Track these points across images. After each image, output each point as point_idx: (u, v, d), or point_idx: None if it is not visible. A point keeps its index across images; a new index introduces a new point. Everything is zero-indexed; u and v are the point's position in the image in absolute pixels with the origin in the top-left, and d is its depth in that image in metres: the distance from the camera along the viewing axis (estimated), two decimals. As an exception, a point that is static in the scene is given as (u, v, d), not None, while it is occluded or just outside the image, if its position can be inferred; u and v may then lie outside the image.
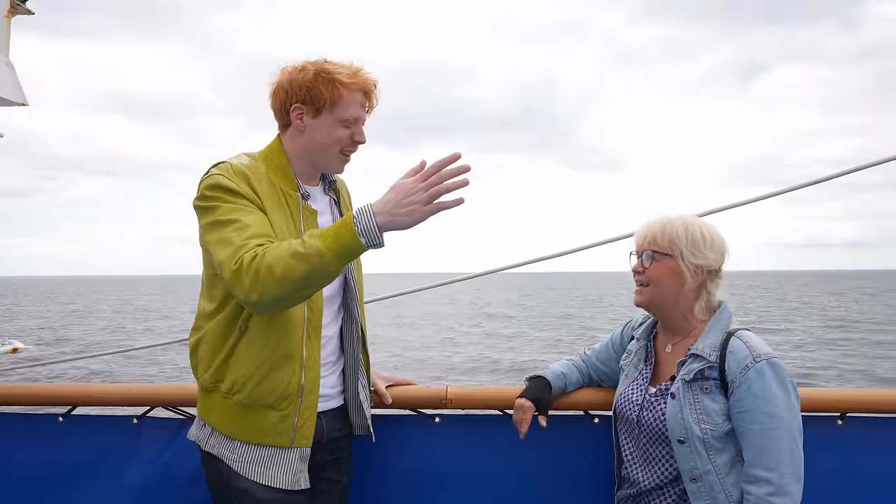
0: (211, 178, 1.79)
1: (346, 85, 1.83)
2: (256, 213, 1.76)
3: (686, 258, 1.83)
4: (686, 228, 1.85)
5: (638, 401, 1.90)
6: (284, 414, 1.81)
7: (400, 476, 2.30)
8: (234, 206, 1.74)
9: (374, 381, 2.19)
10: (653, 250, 1.86)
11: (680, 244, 1.83)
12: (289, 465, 1.84)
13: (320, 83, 1.82)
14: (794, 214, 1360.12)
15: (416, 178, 1.62)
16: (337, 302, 1.99)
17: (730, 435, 1.74)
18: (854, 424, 2.13)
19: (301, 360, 1.83)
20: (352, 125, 1.88)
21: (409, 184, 1.62)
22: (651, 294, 1.88)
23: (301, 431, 1.83)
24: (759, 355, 1.73)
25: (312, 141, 1.88)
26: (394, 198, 1.62)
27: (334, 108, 1.84)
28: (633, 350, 2.01)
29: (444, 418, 2.31)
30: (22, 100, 7.58)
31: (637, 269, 1.90)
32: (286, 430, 1.82)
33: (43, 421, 2.41)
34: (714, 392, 1.75)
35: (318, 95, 1.82)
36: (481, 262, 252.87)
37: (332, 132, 1.86)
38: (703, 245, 1.83)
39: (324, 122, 1.85)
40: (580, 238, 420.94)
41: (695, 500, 1.75)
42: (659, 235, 1.86)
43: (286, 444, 1.82)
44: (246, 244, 1.66)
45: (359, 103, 1.87)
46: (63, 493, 2.35)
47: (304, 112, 1.85)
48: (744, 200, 2.77)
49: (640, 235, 1.91)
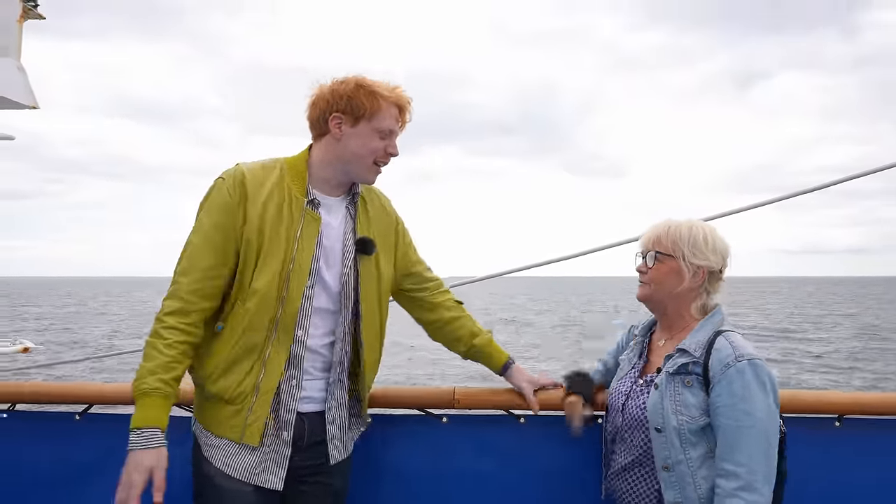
0: (213, 185, 1.96)
1: (385, 97, 1.93)
2: (212, 252, 1.90)
3: (687, 258, 1.92)
4: (690, 231, 1.94)
5: (625, 391, 2.00)
6: (238, 409, 1.91)
7: (407, 475, 2.33)
8: (203, 233, 1.91)
9: (520, 385, 2.22)
10: (656, 251, 1.95)
11: (682, 245, 1.92)
12: (249, 458, 1.93)
13: (361, 94, 1.91)
14: (792, 222, 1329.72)
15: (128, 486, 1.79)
16: (335, 316, 2.02)
17: (706, 430, 1.80)
18: (851, 426, 2.17)
19: (263, 359, 1.91)
20: (387, 137, 1.96)
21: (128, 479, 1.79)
22: (652, 291, 1.97)
23: (249, 429, 1.91)
24: (741, 355, 1.79)
25: (347, 149, 1.95)
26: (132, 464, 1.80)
27: (372, 118, 1.92)
28: (631, 346, 2.11)
29: (451, 418, 2.34)
30: (33, 103, 7.67)
31: (641, 268, 2.00)
32: (237, 426, 1.91)
33: (59, 419, 2.46)
34: (695, 387, 1.82)
35: (358, 105, 1.91)
36: (481, 267, 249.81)
37: (368, 142, 1.94)
38: (705, 247, 1.92)
39: (361, 131, 1.93)
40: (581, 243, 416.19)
41: (665, 487, 1.83)
42: (663, 236, 1.95)
43: (236, 439, 1.92)
44: (163, 305, 1.89)
45: (394, 117, 1.96)
46: (78, 491, 2.39)
47: (343, 121, 1.93)
48: (751, 205, 2.81)
49: (646, 237, 2.01)
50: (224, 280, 1.92)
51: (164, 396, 1.82)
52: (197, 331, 1.90)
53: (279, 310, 1.90)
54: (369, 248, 2.03)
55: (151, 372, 1.81)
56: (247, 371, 1.91)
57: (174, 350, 1.84)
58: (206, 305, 1.90)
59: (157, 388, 1.80)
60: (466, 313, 2.28)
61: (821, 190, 2.69)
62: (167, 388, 1.82)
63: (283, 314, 1.91)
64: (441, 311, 2.25)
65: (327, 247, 1.99)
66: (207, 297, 1.90)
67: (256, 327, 1.90)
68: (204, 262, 1.89)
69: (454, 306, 2.27)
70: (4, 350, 9.10)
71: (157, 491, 1.79)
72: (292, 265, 1.90)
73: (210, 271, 1.89)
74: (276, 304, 1.90)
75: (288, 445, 1.96)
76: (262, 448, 1.94)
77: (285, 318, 1.91)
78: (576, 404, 2.11)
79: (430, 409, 2.35)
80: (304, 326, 1.95)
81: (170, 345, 1.83)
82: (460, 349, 2.28)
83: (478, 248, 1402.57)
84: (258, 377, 1.91)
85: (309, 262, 1.93)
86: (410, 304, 2.29)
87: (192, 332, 1.88)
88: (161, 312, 1.88)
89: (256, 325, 1.90)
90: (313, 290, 1.96)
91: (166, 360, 1.82)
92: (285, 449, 1.96)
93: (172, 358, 1.83)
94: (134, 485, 1.77)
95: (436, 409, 2.34)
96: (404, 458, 2.33)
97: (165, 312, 1.87)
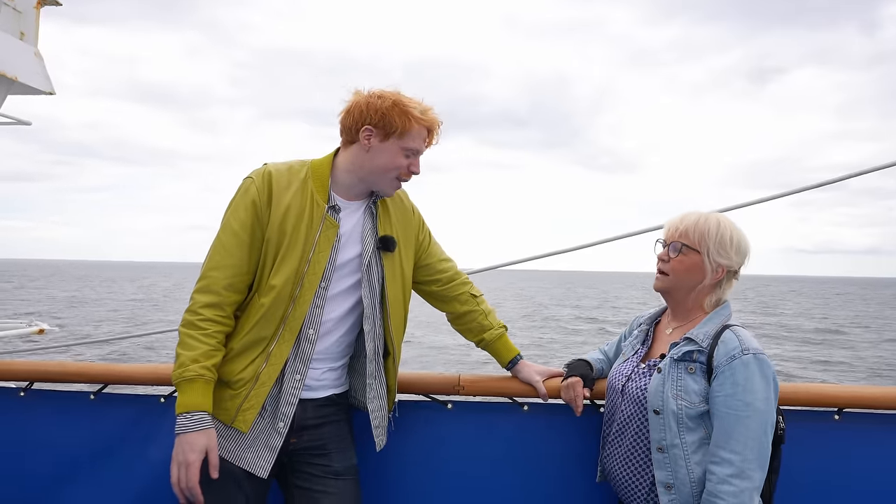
0: (242, 184, 2.04)
1: (418, 119, 2.00)
2: (241, 249, 1.98)
3: (711, 256, 1.93)
4: (718, 227, 1.94)
5: (627, 372, 2.03)
6: (235, 394, 1.99)
7: (412, 461, 2.38)
8: (232, 231, 1.99)
9: (530, 378, 2.29)
10: (682, 242, 1.96)
11: (709, 241, 1.93)
12: (236, 441, 2.00)
13: (395, 113, 1.98)
14: (806, 220, 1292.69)
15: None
16: (351, 315, 2.11)
17: (703, 417, 1.83)
18: (851, 420, 2.19)
19: (268, 352, 1.99)
20: (412, 156, 2.04)
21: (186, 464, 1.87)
22: (670, 282, 1.99)
23: (242, 415, 1.99)
24: (747, 348, 1.82)
25: (374, 162, 2.03)
26: (182, 444, 1.88)
27: (402, 137, 2.00)
28: (636, 334, 2.15)
29: (456, 404, 2.39)
30: (50, 89, 7.73)
31: (662, 257, 2.00)
32: (231, 409, 1.99)
33: (75, 398, 2.51)
34: (698, 374, 1.85)
35: (390, 122, 1.98)
36: (491, 258, 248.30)
37: (394, 159, 2.02)
38: (730, 246, 1.93)
39: (389, 147, 2.01)
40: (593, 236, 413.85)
41: (657, 468, 1.87)
42: (691, 229, 1.95)
43: (227, 421, 1.99)
44: (195, 299, 1.97)
45: (422, 138, 2.03)
46: (93, 468, 2.45)
47: (374, 135, 2.01)
48: (767, 196, 2.81)
49: (672, 226, 2.00)
50: (252, 275, 2.02)
51: (207, 382, 1.92)
52: (231, 321, 2.01)
53: (290, 308, 1.99)
54: (391, 245, 2.11)
55: (194, 360, 1.90)
56: (251, 360, 1.99)
57: (214, 339, 1.94)
58: (238, 298, 2.01)
59: (201, 375, 1.90)
60: (480, 307, 2.33)
61: (832, 184, 2.69)
62: (210, 374, 1.92)
63: (293, 312, 1.99)
64: (454, 304, 2.33)
65: (345, 248, 2.06)
66: (239, 291, 2.00)
67: (268, 321, 1.99)
68: (234, 259, 1.98)
69: (468, 300, 2.32)
70: (20, 331, 9.26)
71: (213, 469, 1.90)
72: (307, 266, 1.99)
73: (241, 267, 1.99)
74: (288, 302, 1.99)
75: (281, 436, 2.03)
76: (251, 434, 2.01)
77: (294, 317, 2.00)
78: (576, 385, 2.14)
79: (436, 395, 2.39)
80: (315, 325, 2.03)
81: (209, 334, 1.94)
82: (472, 340, 2.38)
83: (487, 240, 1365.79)
84: (260, 367, 1.99)
85: (323, 266, 2.01)
86: (425, 296, 2.36)
87: (227, 324, 1.99)
88: (196, 305, 1.96)
89: (269, 320, 1.99)
90: (327, 291, 2.04)
91: (207, 349, 1.92)
92: (277, 439, 2.03)
93: (213, 346, 1.94)
94: (191, 463, 1.87)
95: (441, 396, 2.38)
96: (409, 443, 2.37)
97: (202, 305, 1.95)
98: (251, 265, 2.01)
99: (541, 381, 2.27)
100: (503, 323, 2.37)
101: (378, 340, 2.14)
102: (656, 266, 2.02)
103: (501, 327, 2.35)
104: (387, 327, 2.15)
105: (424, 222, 2.30)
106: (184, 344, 1.94)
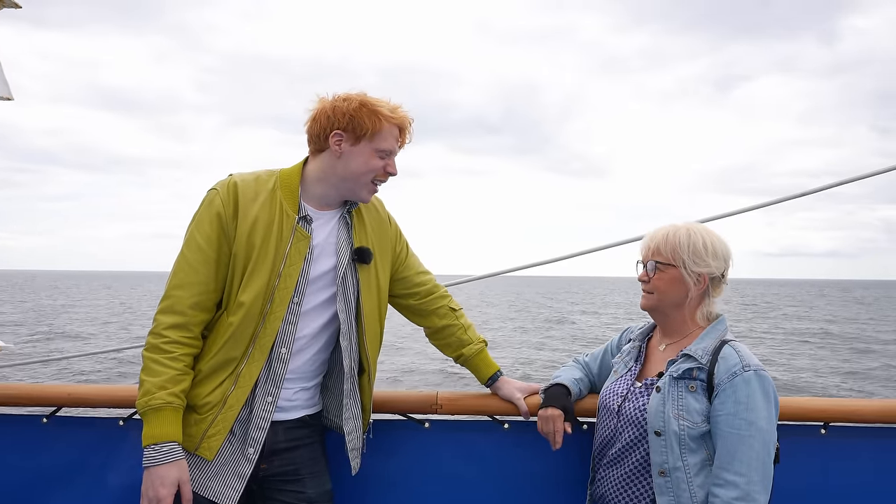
0: (206, 196, 1.94)
1: (388, 118, 1.93)
2: (206, 266, 1.88)
3: (688, 267, 1.89)
4: (689, 237, 1.90)
5: (622, 392, 1.96)
6: (201, 418, 1.88)
7: (388, 483, 2.29)
8: (197, 246, 1.88)
9: (510, 395, 2.21)
10: (656, 261, 1.92)
11: (682, 254, 1.89)
12: (200, 470, 1.89)
13: (364, 114, 1.90)
14: (773, 224, 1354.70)
15: None
16: (326, 331, 2.02)
17: (705, 437, 1.78)
18: (837, 433, 2.17)
19: (237, 374, 1.89)
20: (386, 156, 1.96)
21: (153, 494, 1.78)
22: (656, 300, 1.95)
23: (207, 442, 1.88)
24: (748, 365, 1.78)
25: (347, 168, 1.94)
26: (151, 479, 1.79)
27: (374, 138, 1.92)
28: (627, 350, 2.08)
29: (433, 423, 2.31)
30: (8, 94, 7.47)
31: (642, 278, 1.97)
32: (195, 435, 1.88)
33: (26, 422, 2.38)
34: (699, 392, 1.80)
35: (360, 124, 1.90)
36: (464, 266, 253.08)
37: (368, 161, 1.94)
38: (705, 253, 1.89)
39: (361, 150, 1.93)
40: (564, 242, 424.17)
41: (659, 493, 1.81)
42: (662, 245, 1.92)
43: (191, 448, 1.88)
44: (158, 320, 1.85)
45: (395, 137, 1.95)
46: (46, 496, 2.32)
47: (344, 139, 1.93)
48: (745, 208, 2.81)
49: (645, 245, 1.98)
50: (219, 293, 1.91)
51: (175, 410, 1.82)
52: (198, 342, 1.91)
53: (260, 325, 1.89)
54: (367, 257, 2.02)
55: (161, 387, 1.80)
56: (219, 383, 1.89)
57: (180, 363, 1.84)
58: (205, 318, 1.91)
59: (169, 403, 1.80)
60: (459, 322, 2.26)
61: (810, 195, 2.70)
62: (178, 401, 1.82)
63: (263, 330, 1.89)
64: (432, 318, 2.24)
65: (319, 261, 1.97)
66: (206, 310, 1.90)
67: (237, 341, 1.89)
68: (200, 276, 1.88)
69: (447, 314, 2.25)
70: (-30, 349, 8.83)
71: (186, 503, 1.80)
72: (278, 280, 1.89)
73: (207, 285, 1.89)
74: (258, 319, 1.89)
75: (251, 463, 1.92)
76: (217, 461, 1.90)
77: (264, 334, 1.90)
78: (556, 420, 2.04)
79: (413, 415, 2.31)
80: (288, 343, 1.93)
81: (175, 358, 1.83)
82: (450, 356, 2.30)
83: (460, 247, 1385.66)
84: (228, 390, 1.89)
85: (295, 280, 1.92)
86: (401, 310, 2.28)
87: (194, 345, 1.89)
88: (160, 326, 1.85)
89: (237, 339, 1.89)
90: (300, 306, 1.94)
91: (174, 374, 1.82)
92: (247, 465, 1.92)
93: (179, 371, 1.84)
94: (162, 499, 1.77)
95: (418, 415, 2.31)
96: (386, 464, 2.29)
97: (166, 326, 1.85)
98: (218, 282, 1.90)
99: (522, 399, 2.20)
100: (483, 338, 2.29)
101: (354, 357, 2.05)
102: (641, 287, 1.98)
103: (481, 342, 2.27)
104: (362, 343, 2.05)
105: (402, 233, 2.22)
106: (148, 369, 1.82)
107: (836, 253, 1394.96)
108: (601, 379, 2.19)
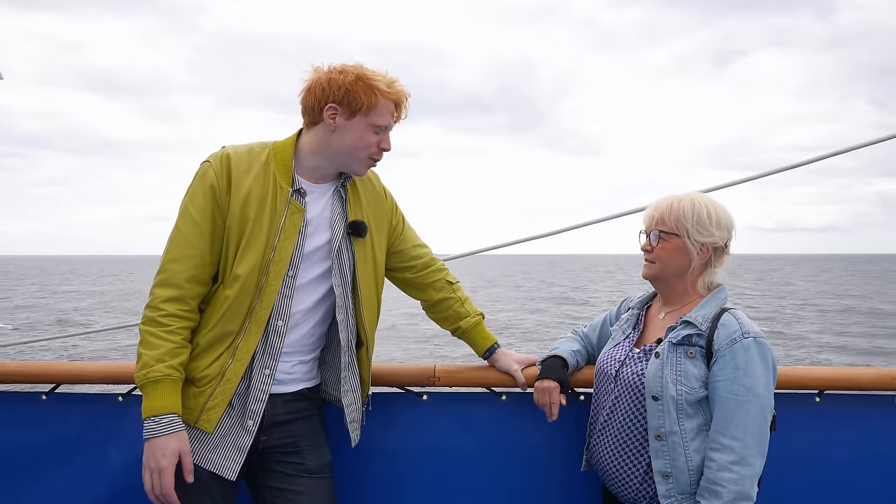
0: (199, 169, 1.92)
1: (384, 93, 1.89)
2: (202, 239, 1.87)
3: (692, 236, 1.89)
4: (693, 207, 1.90)
5: (620, 357, 1.97)
6: (199, 391, 1.89)
7: (388, 453, 2.31)
8: (191, 219, 1.87)
9: (508, 367, 2.22)
10: (660, 230, 1.92)
11: (686, 223, 1.89)
12: (200, 442, 1.90)
13: (359, 88, 1.87)
14: (768, 199, 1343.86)
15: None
16: (322, 305, 2.01)
17: (702, 403, 1.80)
18: (831, 401, 2.19)
19: (234, 347, 1.89)
20: (381, 132, 1.93)
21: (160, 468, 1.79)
22: (658, 269, 1.95)
23: (207, 415, 1.89)
24: (747, 332, 1.79)
25: (341, 143, 1.92)
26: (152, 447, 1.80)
27: (369, 113, 1.89)
28: (625, 318, 2.09)
29: (431, 396, 2.32)
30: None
31: (645, 247, 1.97)
32: (194, 408, 1.89)
33: (25, 399, 2.38)
34: (697, 358, 1.81)
35: (355, 99, 1.87)
36: (460, 246, 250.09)
37: (363, 136, 1.91)
38: (709, 223, 1.89)
39: (356, 125, 1.90)
40: (560, 219, 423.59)
41: (655, 457, 1.82)
42: (666, 214, 1.92)
43: (190, 420, 1.89)
44: (155, 294, 1.85)
45: (390, 112, 1.92)
46: (46, 472, 2.32)
47: (339, 113, 1.90)
48: (741, 179, 2.80)
49: (649, 215, 1.97)
50: (215, 266, 1.91)
51: (174, 382, 1.82)
52: (196, 316, 1.90)
53: (256, 299, 1.88)
54: (362, 230, 2.01)
55: (159, 360, 1.80)
56: (217, 356, 1.89)
57: (178, 336, 1.84)
58: (201, 291, 1.90)
59: (167, 375, 1.80)
60: (456, 294, 2.25)
61: (801, 167, 2.69)
62: (176, 374, 1.82)
63: (260, 303, 1.89)
64: (429, 292, 2.24)
65: (314, 235, 1.96)
66: (203, 283, 1.90)
67: (234, 314, 1.88)
68: (195, 249, 1.87)
69: (444, 287, 2.24)
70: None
71: (187, 473, 1.82)
72: (273, 254, 1.88)
73: (203, 258, 1.88)
74: (254, 293, 1.88)
75: (250, 435, 1.93)
76: (217, 433, 1.91)
77: (261, 308, 1.89)
78: (552, 391, 2.05)
79: (411, 387, 2.32)
80: (284, 316, 1.93)
81: (172, 331, 1.83)
82: (448, 329, 2.29)
83: (456, 226, 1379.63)
84: (226, 363, 1.89)
85: (290, 252, 1.91)
86: (398, 283, 2.27)
87: (191, 318, 1.88)
88: (156, 300, 1.85)
89: (234, 312, 1.88)
90: (295, 280, 1.93)
91: (172, 346, 1.82)
92: (246, 438, 1.93)
93: (177, 343, 1.84)
94: (164, 469, 1.78)
95: (416, 387, 2.32)
96: (385, 436, 2.30)
97: (163, 300, 1.84)
98: (213, 255, 1.89)
99: (519, 370, 2.21)
100: (480, 310, 2.29)
101: (351, 331, 2.05)
102: (644, 256, 1.98)
103: (478, 315, 2.28)
104: (359, 317, 2.05)
105: (397, 206, 2.20)
106: (146, 343, 1.82)
107: (831, 227, 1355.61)
108: (600, 349, 2.19)
